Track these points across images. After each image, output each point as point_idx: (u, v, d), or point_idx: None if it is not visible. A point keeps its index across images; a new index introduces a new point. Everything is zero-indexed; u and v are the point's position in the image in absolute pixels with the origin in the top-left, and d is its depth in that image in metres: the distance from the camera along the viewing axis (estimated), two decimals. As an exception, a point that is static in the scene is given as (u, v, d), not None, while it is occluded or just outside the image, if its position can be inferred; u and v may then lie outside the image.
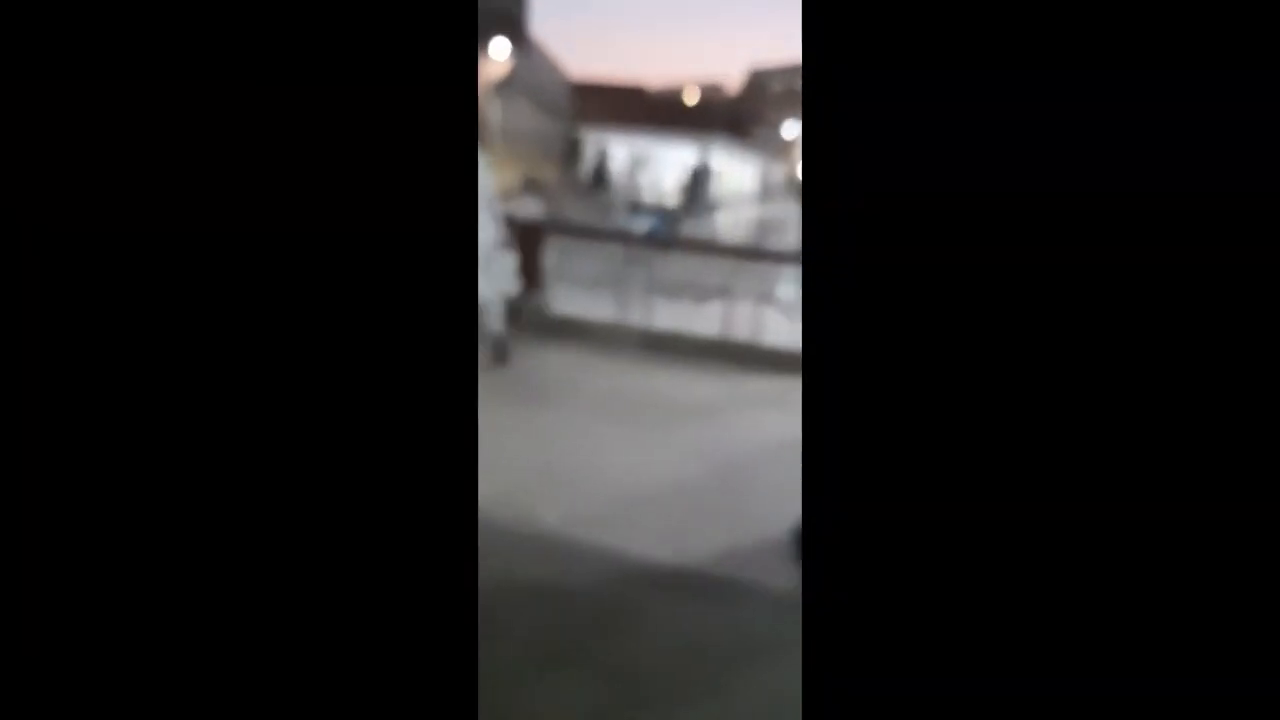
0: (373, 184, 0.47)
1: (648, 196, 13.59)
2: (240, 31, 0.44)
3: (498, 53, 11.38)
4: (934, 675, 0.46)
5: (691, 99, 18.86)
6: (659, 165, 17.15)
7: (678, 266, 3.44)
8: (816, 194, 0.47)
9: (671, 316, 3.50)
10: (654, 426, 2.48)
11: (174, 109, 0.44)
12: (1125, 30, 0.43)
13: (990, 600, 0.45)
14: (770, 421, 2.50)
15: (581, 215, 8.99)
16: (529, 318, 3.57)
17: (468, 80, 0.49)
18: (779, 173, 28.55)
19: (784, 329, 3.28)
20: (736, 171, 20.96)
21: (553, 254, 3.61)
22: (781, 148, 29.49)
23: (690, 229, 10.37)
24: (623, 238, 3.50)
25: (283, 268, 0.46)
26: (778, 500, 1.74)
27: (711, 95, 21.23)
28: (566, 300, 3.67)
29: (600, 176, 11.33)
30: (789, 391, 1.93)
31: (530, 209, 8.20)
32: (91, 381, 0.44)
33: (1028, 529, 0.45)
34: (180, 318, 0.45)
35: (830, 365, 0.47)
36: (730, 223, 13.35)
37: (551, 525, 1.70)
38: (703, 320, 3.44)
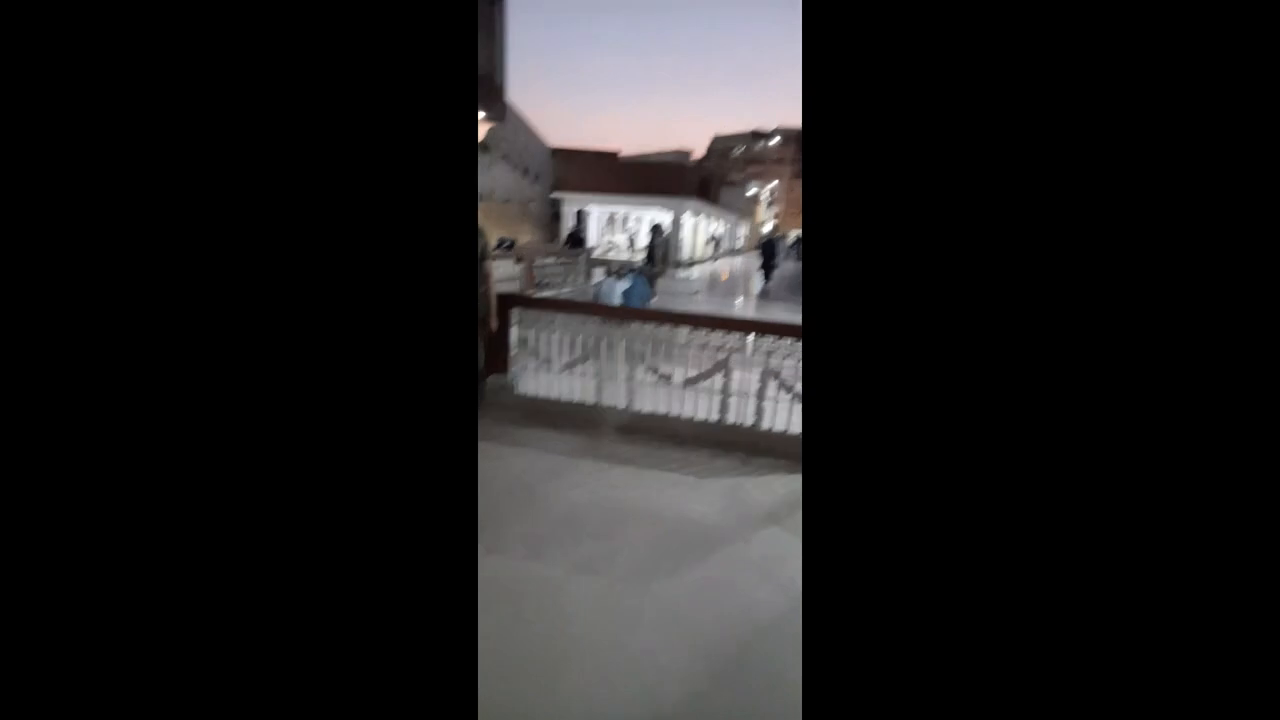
0: (372, 193, 0.46)
1: (622, 255, 13.33)
2: (247, 43, 0.43)
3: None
4: (933, 682, 0.44)
5: (661, 165, 19.06)
6: (635, 225, 17.08)
7: (659, 335, 2.91)
8: (817, 194, 0.47)
9: (654, 397, 2.95)
10: (632, 586, 1.87)
11: (174, 109, 0.43)
12: (1126, 30, 0.41)
13: (993, 606, 0.43)
14: (784, 563, 1.93)
15: (556, 278, 8.57)
16: (491, 399, 2.99)
17: (467, 89, 0.48)
18: (745, 227, 29.17)
19: (783, 409, 2.76)
20: (707, 228, 21.17)
21: (523, 325, 3.06)
22: (748, 205, 30.37)
23: (667, 286, 10.03)
24: (598, 310, 2.91)
25: (282, 273, 0.45)
26: None
27: (680, 160, 21.59)
28: (535, 379, 3.10)
29: (577, 238, 10.96)
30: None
31: (506, 273, 7.90)
32: (91, 382, 0.42)
33: (1029, 533, 0.43)
34: (176, 322, 0.44)
35: (831, 364, 0.46)
36: (704, 275, 13.18)
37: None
38: (691, 399, 2.89)
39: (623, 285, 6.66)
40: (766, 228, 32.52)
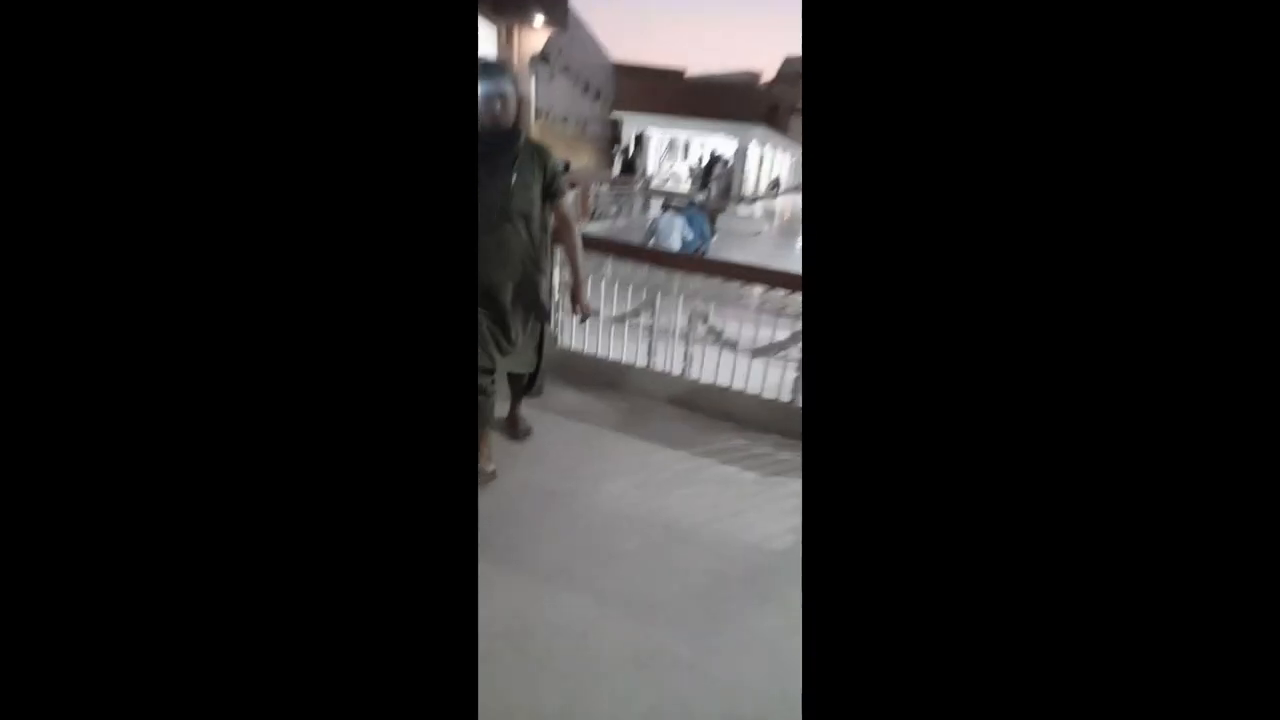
0: (371, 184, 0.45)
1: (683, 186, 12.29)
2: (240, 29, 0.42)
3: (536, 25, 10.17)
4: (933, 682, 0.43)
5: (730, 86, 17.20)
6: (700, 152, 15.75)
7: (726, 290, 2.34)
8: (817, 194, 0.46)
9: (715, 365, 2.43)
10: (677, 634, 1.43)
11: (172, 108, 0.42)
12: (1126, 30, 0.40)
13: (994, 608, 0.43)
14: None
15: (611, 208, 7.87)
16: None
17: (467, 80, 0.47)
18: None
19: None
20: (773, 160, 19.42)
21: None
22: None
23: (727, 224, 9.15)
24: (655, 257, 2.34)
25: (279, 271, 0.44)
26: None
27: (750, 83, 19.46)
28: (578, 332, 2.62)
29: (630, 164, 9.96)
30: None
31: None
32: (90, 382, 0.42)
33: (1029, 533, 0.43)
34: (174, 322, 0.43)
35: (831, 365, 0.45)
36: (769, 212, 12.06)
37: None
38: (759, 373, 2.36)
39: (680, 222, 5.95)
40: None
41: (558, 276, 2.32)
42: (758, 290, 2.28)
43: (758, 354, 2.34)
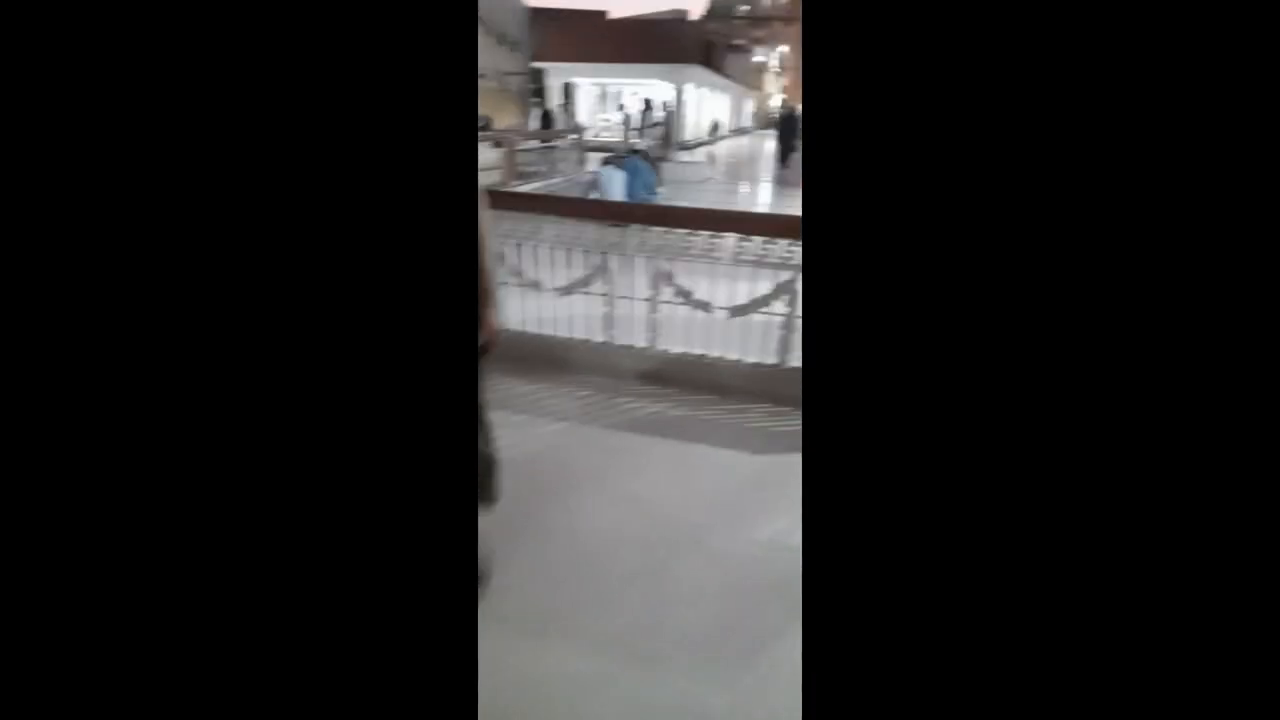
0: (368, 181, 0.44)
1: (617, 137, 11.55)
2: (238, 27, 0.42)
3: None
4: (933, 681, 0.43)
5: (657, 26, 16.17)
6: (630, 101, 14.90)
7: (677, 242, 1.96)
8: (817, 193, 0.45)
9: (687, 332, 2.08)
10: (693, 680, 1.13)
11: (172, 107, 0.41)
12: (1128, 30, 0.39)
13: (994, 606, 0.42)
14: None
15: (544, 166, 7.22)
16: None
17: (467, 77, 0.46)
18: (751, 102, 25.97)
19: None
20: (713, 101, 18.69)
21: (504, 229, 2.09)
22: (754, 75, 26.73)
23: (672, 172, 8.62)
24: (599, 210, 1.92)
25: (278, 269, 0.43)
26: None
27: (679, 21, 18.42)
28: (520, 309, 2.20)
29: (552, 117, 9.03)
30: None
31: (485, 162, 6.48)
32: (90, 382, 0.41)
33: (1028, 533, 0.42)
34: (173, 322, 0.42)
35: (831, 366, 0.45)
36: (712, 157, 11.56)
37: None
38: (739, 335, 2.02)
39: (623, 175, 5.46)
40: (774, 101, 28.94)
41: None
42: (730, 240, 1.92)
43: (736, 313, 2.00)
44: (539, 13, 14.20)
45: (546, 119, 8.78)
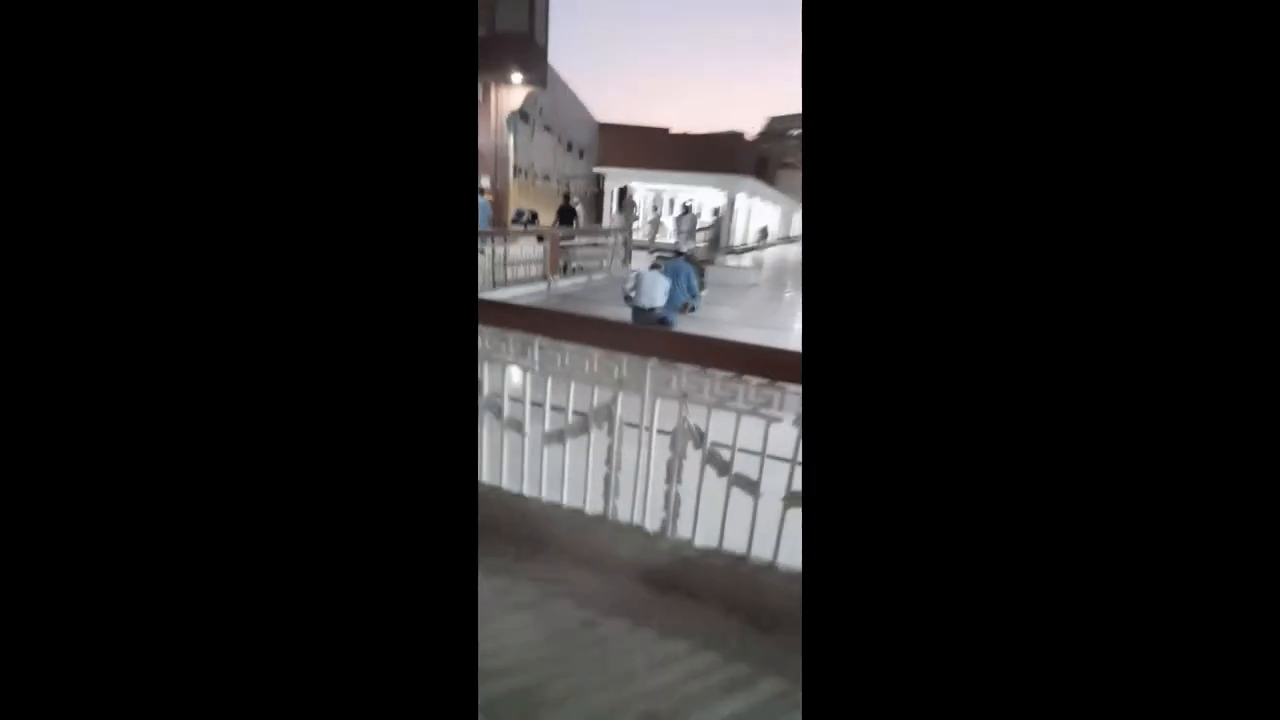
0: (370, 188, 0.44)
1: (668, 239, 11.60)
2: (242, 34, 0.41)
3: (515, 82, 9.77)
4: (934, 679, 0.42)
5: (715, 143, 17.02)
6: (681, 206, 15.34)
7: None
8: (817, 193, 0.45)
9: (725, 514, 1.40)
10: None
11: (172, 107, 0.41)
12: (1129, 29, 0.39)
13: (994, 605, 0.42)
14: None
15: (589, 262, 7.04)
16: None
17: (467, 81, 0.46)
18: (799, 214, 26.66)
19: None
20: (763, 211, 19.10)
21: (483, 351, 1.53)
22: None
23: (718, 275, 8.31)
24: (606, 333, 1.31)
25: (279, 272, 0.43)
26: None
27: (736, 139, 19.47)
28: (494, 457, 1.59)
29: (569, 211, 8.89)
30: None
31: (525, 255, 6.33)
32: (90, 381, 0.41)
33: (1029, 532, 0.41)
34: (175, 323, 0.42)
35: (831, 368, 0.44)
36: (758, 262, 11.37)
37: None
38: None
39: (665, 278, 5.05)
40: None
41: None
42: (788, 391, 1.28)
43: (795, 502, 1.31)
44: (607, 127, 15.24)
45: (564, 215, 8.63)
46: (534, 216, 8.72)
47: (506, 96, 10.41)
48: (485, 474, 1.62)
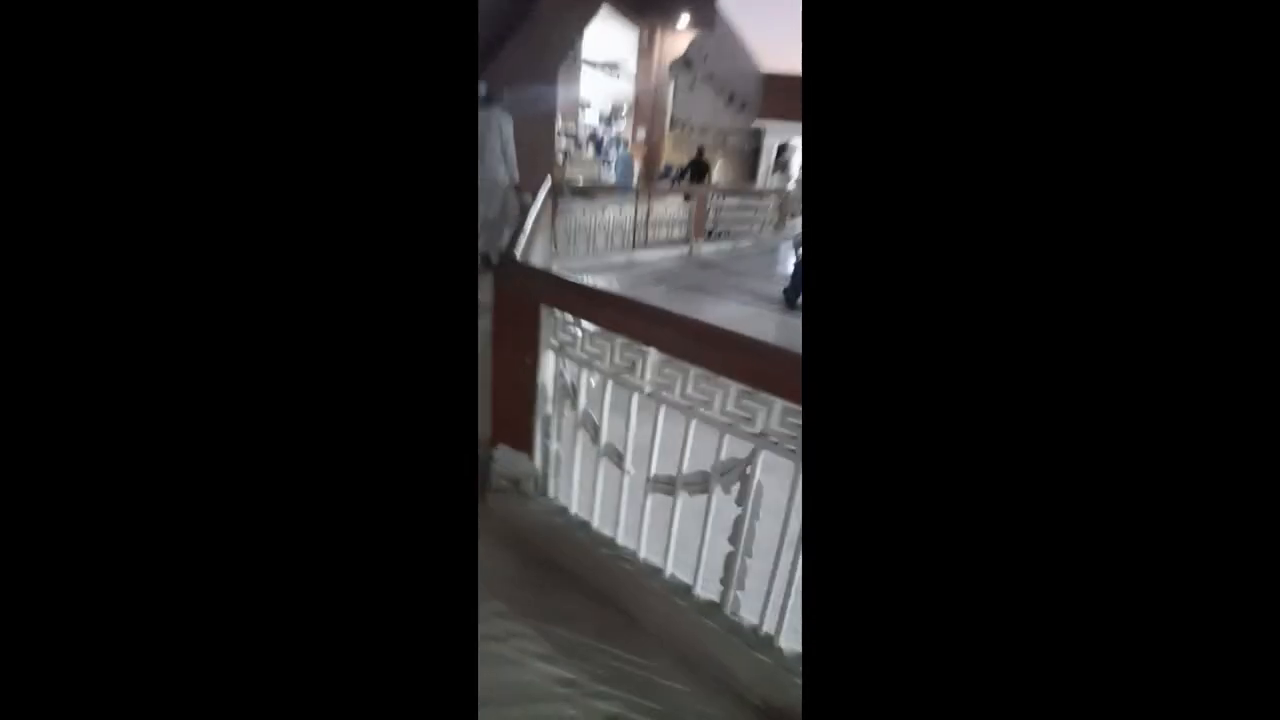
0: (370, 183, 0.43)
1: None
2: (240, 32, 0.41)
3: (681, 26, 9.12)
4: (935, 680, 0.42)
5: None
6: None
7: None
8: (817, 192, 0.44)
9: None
10: None
11: (171, 106, 0.41)
12: (1130, 30, 0.38)
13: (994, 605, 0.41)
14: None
15: (739, 225, 6.37)
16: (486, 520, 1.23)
17: (467, 82, 0.46)
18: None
19: None
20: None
21: (566, 351, 1.17)
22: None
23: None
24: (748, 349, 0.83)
25: (280, 270, 0.43)
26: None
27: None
28: (586, 487, 1.24)
29: (700, 166, 7.73)
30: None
31: (668, 215, 5.88)
32: (90, 380, 0.41)
33: (1029, 532, 0.40)
34: (176, 323, 0.42)
35: (831, 366, 0.44)
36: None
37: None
38: None
39: (798, 252, 4.29)
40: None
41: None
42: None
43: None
44: (773, 76, 13.82)
45: (696, 170, 7.63)
46: (684, 172, 8.16)
47: (671, 42, 9.78)
48: (576, 503, 1.29)
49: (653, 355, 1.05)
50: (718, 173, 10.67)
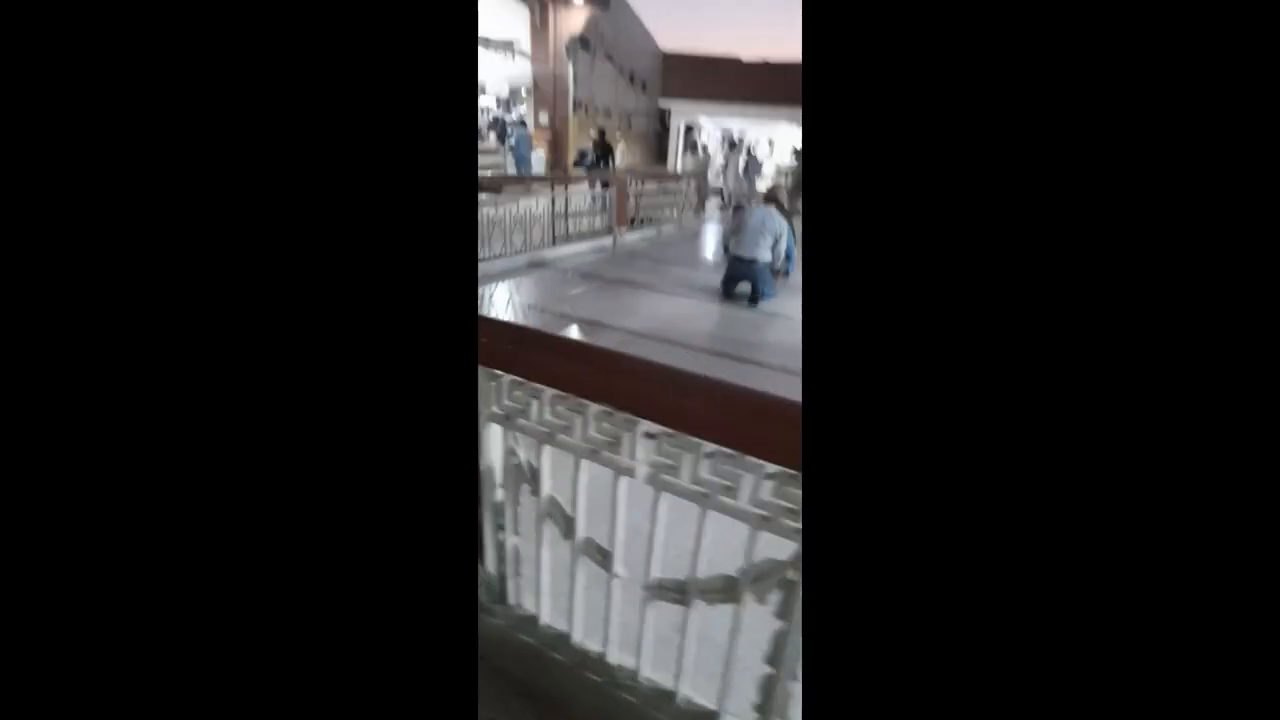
0: (370, 184, 0.43)
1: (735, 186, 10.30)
2: (237, 28, 0.40)
3: (575, 2, 8.60)
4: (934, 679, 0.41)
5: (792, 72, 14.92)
6: (757, 144, 13.74)
7: None
8: (818, 191, 0.43)
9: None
10: None
11: (171, 105, 0.40)
12: (1131, 30, 0.37)
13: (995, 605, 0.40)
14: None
15: (659, 212, 6.14)
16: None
17: (467, 79, 0.45)
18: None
19: None
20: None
21: (511, 415, 0.84)
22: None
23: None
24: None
25: (280, 270, 0.42)
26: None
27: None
28: (547, 584, 0.93)
29: (587, 156, 7.61)
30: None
31: (580, 206, 5.48)
32: (89, 383, 0.40)
33: (1030, 533, 0.39)
34: (176, 323, 0.41)
35: (831, 366, 0.42)
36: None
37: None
38: None
39: (774, 220, 4.17)
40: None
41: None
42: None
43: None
44: (672, 56, 13.61)
45: (598, 154, 7.45)
46: (599, 158, 7.76)
47: (566, 18, 9.23)
48: (547, 611, 0.98)
49: (643, 426, 0.76)
50: (620, 155, 10.32)
